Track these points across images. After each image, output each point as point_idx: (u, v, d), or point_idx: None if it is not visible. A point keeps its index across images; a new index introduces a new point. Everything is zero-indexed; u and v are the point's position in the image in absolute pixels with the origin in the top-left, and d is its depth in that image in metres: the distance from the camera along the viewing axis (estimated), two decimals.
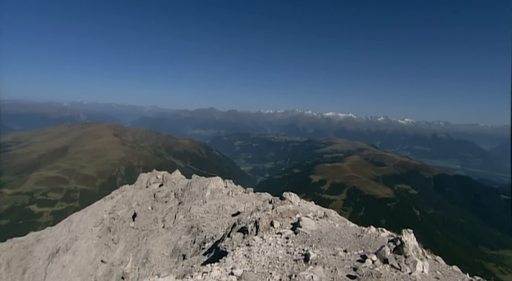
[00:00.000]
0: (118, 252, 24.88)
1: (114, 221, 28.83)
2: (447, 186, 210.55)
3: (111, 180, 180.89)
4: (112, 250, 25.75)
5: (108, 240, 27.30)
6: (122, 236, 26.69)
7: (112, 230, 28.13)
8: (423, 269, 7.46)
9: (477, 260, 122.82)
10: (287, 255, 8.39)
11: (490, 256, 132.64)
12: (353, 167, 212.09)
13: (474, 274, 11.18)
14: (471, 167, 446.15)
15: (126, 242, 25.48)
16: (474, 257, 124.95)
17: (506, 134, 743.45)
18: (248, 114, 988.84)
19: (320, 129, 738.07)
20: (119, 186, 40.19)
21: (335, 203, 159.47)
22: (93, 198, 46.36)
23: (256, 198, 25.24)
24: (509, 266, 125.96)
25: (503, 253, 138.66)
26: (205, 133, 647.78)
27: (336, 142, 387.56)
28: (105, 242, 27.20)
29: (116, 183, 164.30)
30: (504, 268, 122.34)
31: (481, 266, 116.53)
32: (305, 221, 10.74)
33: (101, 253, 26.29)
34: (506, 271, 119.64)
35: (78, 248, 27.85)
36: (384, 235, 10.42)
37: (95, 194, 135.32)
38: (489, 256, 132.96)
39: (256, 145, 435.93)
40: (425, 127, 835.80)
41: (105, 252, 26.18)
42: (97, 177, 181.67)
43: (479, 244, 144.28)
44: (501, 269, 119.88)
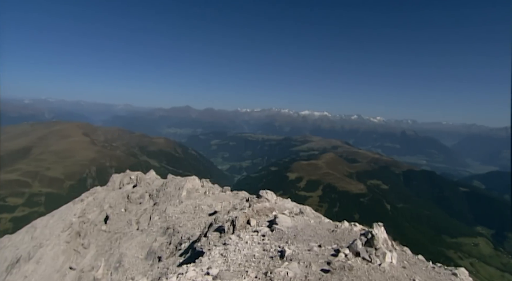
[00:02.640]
0: (88, 257, 23.71)
1: (84, 225, 27.43)
2: (414, 180, 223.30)
3: (81, 182, 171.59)
4: (82, 256, 24.49)
5: (77, 245, 25.91)
6: (93, 240, 25.46)
7: (82, 234, 26.74)
8: (392, 259, 7.89)
9: (440, 248, 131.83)
10: (263, 252, 8.48)
11: (450, 244, 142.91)
12: (328, 164, 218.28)
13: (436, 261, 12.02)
14: (435, 162, 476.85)
15: (98, 246, 24.35)
16: (437, 246, 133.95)
17: (465, 131, 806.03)
18: (225, 113, 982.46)
19: (296, 128, 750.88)
20: (89, 188, 38.17)
21: (311, 200, 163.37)
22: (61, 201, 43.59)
23: (233, 197, 25.19)
24: (466, 252, 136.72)
25: (461, 240, 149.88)
26: (181, 132, 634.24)
27: (311, 140, 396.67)
28: (74, 248, 25.80)
29: (87, 185, 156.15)
30: (462, 254, 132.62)
31: (443, 253, 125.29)
32: (281, 218, 10.91)
33: (69, 260, 24.89)
34: (463, 256, 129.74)
35: (43, 255, 26.12)
36: (357, 229, 10.87)
37: (63, 197, 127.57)
38: (449, 244, 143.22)
39: (233, 144, 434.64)
40: (395, 125, 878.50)
41: (74, 258, 24.82)
42: (65, 179, 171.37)
43: (442, 233, 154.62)
44: (459, 255, 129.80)
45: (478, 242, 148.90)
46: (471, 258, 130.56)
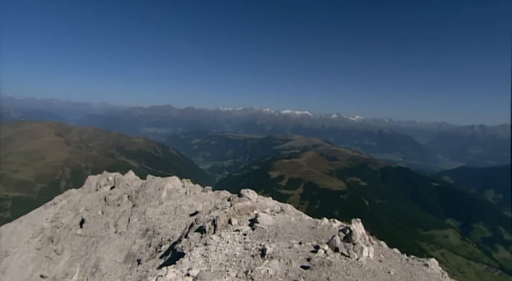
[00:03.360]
0: (62, 264, 22.62)
1: (57, 230, 26.12)
2: (391, 177, 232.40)
3: (54, 185, 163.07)
4: (55, 262, 23.32)
5: (49, 252, 24.63)
6: (67, 245, 24.32)
7: (54, 240, 25.45)
8: (369, 254, 8.18)
9: (414, 241, 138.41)
10: (244, 251, 8.50)
11: (423, 237, 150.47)
12: (309, 162, 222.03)
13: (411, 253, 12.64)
14: (410, 159, 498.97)
15: (72, 251, 23.29)
16: (412, 239, 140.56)
17: (436, 130, 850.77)
18: (206, 112, 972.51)
19: (278, 127, 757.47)
20: (63, 190, 36.32)
21: (293, 198, 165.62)
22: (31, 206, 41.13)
23: (215, 196, 25.01)
24: (437, 243, 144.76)
25: (433, 232, 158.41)
26: (161, 131, 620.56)
27: (293, 139, 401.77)
28: (46, 254, 24.50)
29: (60, 188, 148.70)
30: (434, 245, 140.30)
31: (417, 246, 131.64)
32: (262, 216, 10.98)
33: (40, 267, 23.59)
34: (435, 248, 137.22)
35: (9, 265, 24.49)
36: (336, 225, 11.17)
37: (33, 201, 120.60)
38: (423, 236, 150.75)
39: (215, 143, 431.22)
40: (373, 124, 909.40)
41: (46, 265, 23.56)
42: (35, 182, 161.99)
43: (416, 227, 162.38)
44: (431, 247, 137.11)
45: (448, 233, 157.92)
46: (441, 249, 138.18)
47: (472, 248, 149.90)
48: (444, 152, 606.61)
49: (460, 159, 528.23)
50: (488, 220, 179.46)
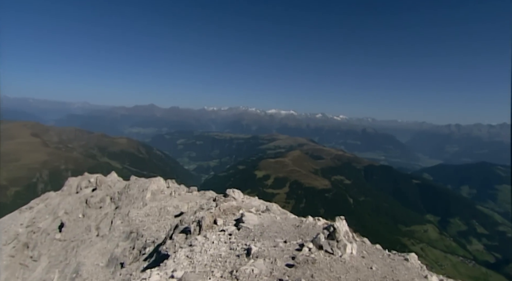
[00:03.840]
0: (39, 271, 21.69)
1: (33, 235, 25.02)
2: (374, 175, 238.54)
3: (30, 188, 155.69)
4: (31, 269, 22.31)
5: (24, 259, 23.54)
6: (44, 251, 23.33)
7: (30, 245, 24.36)
8: (352, 250, 8.36)
9: (396, 236, 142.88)
10: (230, 251, 8.48)
11: (405, 232, 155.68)
12: (294, 161, 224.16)
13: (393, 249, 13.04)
14: (392, 157, 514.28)
15: (50, 257, 22.38)
16: (394, 234, 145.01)
17: (416, 128, 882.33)
18: (191, 112, 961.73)
19: (263, 126, 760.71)
20: (40, 193, 34.75)
21: (279, 197, 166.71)
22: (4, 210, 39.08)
23: (200, 197, 24.81)
24: (417, 238, 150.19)
25: (413, 228, 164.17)
26: (145, 131, 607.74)
27: (278, 138, 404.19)
28: (21, 261, 23.40)
29: (37, 191, 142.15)
30: (414, 240, 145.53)
31: (399, 241, 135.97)
32: (248, 216, 10.98)
33: (14, 276, 22.48)
34: (415, 242, 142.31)
35: None
36: (320, 223, 11.34)
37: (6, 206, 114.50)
38: (404, 232, 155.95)
39: (200, 143, 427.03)
40: (357, 123, 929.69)
41: (21, 273, 22.49)
42: (9, 185, 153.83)
43: (398, 223, 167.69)
44: (412, 242, 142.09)
45: (427, 228, 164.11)
46: (421, 243, 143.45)
47: (449, 242, 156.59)
48: (424, 150, 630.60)
49: (438, 157, 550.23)
50: (463, 215, 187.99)
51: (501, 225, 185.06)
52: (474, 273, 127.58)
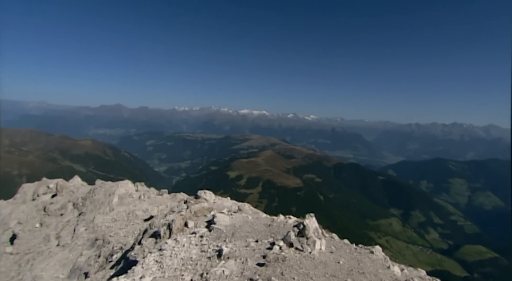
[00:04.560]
0: None
1: None
2: (343, 172, 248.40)
3: None
4: None
5: None
6: None
7: None
8: (321, 246, 8.66)
9: (364, 231, 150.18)
10: (201, 253, 8.37)
11: (372, 226, 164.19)
12: (267, 161, 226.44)
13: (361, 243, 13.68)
14: (360, 155, 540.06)
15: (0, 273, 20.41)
16: (362, 229, 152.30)
17: (382, 127, 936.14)
18: (162, 112, 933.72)
19: (236, 126, 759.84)
20: None
21: (252, 196, 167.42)
22: None
23: (171, 199, 24.21)
24: (383, 231, 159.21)
25: (379, 222, 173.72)
26: (111, 132, 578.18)
27: (251, 138, 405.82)
28: None
29: None
30: (380, 233, 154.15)
31: (366, 235, 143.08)
32: (219, 217, 10.93)
33: None
34: (381, 235, 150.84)
35: None
36: (291, 221, 11.61)
37: None
38: (371, 226, 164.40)
39: (171, 144, 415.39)
40: (326, 123, 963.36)
41: None
42: None
43: (365, 217, 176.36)
44: (378, 235, 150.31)
45: (391, 222, 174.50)
46: (386, 236, 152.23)
47: (410, 233, 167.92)
48: (388, 147, 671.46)
49: (401, 154, 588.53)
50: (422, 207, 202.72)
51: (453, 215, 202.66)
52: (431, 260, 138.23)
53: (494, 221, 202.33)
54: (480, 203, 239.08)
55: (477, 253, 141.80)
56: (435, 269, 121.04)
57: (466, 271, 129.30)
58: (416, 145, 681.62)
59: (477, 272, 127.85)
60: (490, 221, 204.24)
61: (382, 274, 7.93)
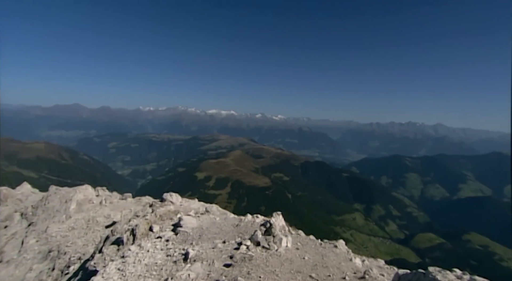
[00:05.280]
0: None
1: None
2: (310, 170, 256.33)
3: None
4: None
5: None
6: None
7: None
8: (287, 244, 8.90)
9: (330, 226, 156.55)
10: (166, 258, 8.15)
11: (337, 221, 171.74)
12: (236, 161, 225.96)
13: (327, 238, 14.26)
14: (325, 153, 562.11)
15: None
16: (328, 224, 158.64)
17: (345, 127, 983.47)
18: (125, 112, 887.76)
19: (204, 127, 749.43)
20: None
21: (221, 197, 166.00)
22: None
23: (135, 204, 23.17)
24: (347, 226, 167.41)
25: (344, 216, 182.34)
26: (68, 134, 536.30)
27: (219, 138, 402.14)
28: None
29: None
30: (345, 228, 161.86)
31: (332, 230, 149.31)
32: (186, 220, 10.71)
33: None
34: (346, 230, 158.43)
35: None
36: (259, 220, 11.75)
37: None
38: (336, 221, 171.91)
39: (136, 145, 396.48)
40: (293, 122, 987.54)
41: None
42: None
43: (331, 213, 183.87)
44: (343, 230, 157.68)
45: (355, 216, 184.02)
46: (351, 230, 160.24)
47: (372, 226, 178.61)
48: (352, 145, 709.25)
49: (363, 151, 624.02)
50: (382, 201, 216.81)
51: (409, 207, 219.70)
52: (390, 249, 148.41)
53: (441, 210, 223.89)
54: (431, 194, 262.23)
55: (428, 240, 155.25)
56: (393, 258, 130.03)
57: (419, 257, 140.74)
58: (377, 142, 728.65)
59: (428, 257, 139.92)
60: (438, 210, 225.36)
61: (345, 267, 8.38)
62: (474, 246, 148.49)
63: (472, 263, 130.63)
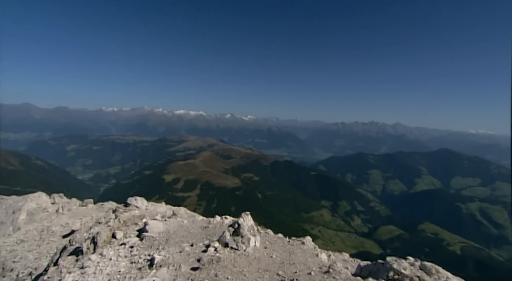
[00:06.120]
0: None
1: None
2: (279, 170, 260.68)
3: None
4: None
5: None
6: None
7: None
8: (255, 243, 8.99)
9: (299, 223, 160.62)
10: (130, 265, 7.80)
11: (306, 218, 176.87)
12: (205, 162, 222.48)
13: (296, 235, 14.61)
14: (294, 152, 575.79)
15: None
16: (297, 222, 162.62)
17: (312, 126, 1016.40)
18: (85, 113, 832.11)
19: (171, 128, 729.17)
20: None
21: (190, 199, 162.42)
22: None
23: (97, 210, 21.82)
24: (316, 222, 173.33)
25: (312, 214, 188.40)
26: (16, 137, 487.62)
27: (188, 139, 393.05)
28: None
29: None
30: (313, 224, 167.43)
31: (301, 227, 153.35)
32: (152, 224, 10.34)
33: None
34: (314, 226, 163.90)
35: None
36: (227, 221, 11.71)
37: None
38: (305, 218, 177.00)
39: (98, 148, 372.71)
40: (263, 123, 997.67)
41: None
42: None
43: (300, 211, 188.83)
44: (311, 226, 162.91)
45: (323, 213, 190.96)
46: (319, 226, 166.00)
47: (339, 221, 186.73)
48: (319, 145, 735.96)
49: (330, 150, 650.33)
50: (348, 197, 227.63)
51: (372, 202, 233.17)
52: (355, 243, 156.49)
53: (400, 203, 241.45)
54: (391, 189, 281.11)
55: (389, 232, 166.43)
56: (358, 251, 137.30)
57: (382, 249, 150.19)
58: (342, 141, 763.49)
59: (389, 248, 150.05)
60: (398, 203, 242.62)
61: (311, 262, 8.67)
62: (427, 234, 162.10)
63: (425, 250, 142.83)
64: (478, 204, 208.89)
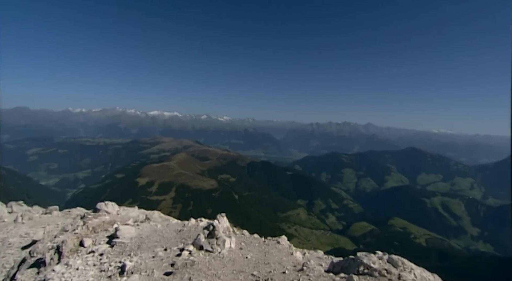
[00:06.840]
0: None
1: None
2: (256, 170, 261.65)
3: None
4: None
5: None
6: None
7: None
8: (231, 244, 8.97)
9: (276, 223, 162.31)
10: (99, 274, 7.45)
11: (282, 218, 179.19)
12: (180, 164, 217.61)
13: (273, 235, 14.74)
14: (270, 153, 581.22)
15: None
16: (274, 222, 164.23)
17: (288, 127, 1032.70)
18: (49, 114, 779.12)
19: (145, 129, 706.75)
20: None
21: (164, 203, 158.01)
22: None
23: (64, 217, 20.51)
24: (292, 221, 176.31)
25: (289, 213, 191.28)
26: None
27: (162, 141, 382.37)
28: None
29: None
30: (290, 224, 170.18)
31: (278, 227, 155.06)
32: (123, 230, 9.95)
33: None
34: (291, 225, 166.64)
35: None
36: (202, 224, 11.57)
37: None
38: (282, 218, 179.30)
39: (64, 151, 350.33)
40: (239, 124, 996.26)
41: None
42: None
43: (276, 211, 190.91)
44: (288, 226, 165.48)
45: (299, 212, 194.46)
46: (295, 225, 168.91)
47: (314, 220, 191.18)
48: (294, 145, 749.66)
49: (305, 150, 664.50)
50: (323, 196, 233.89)
51: (346, 199, 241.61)
52: (330, 240, 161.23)
53: (372, 200, 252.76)
54: (363, 187, 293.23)
55: (361, 228, 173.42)
56: (333, 248, 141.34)
57: (355, 244, 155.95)
58: (317, 141, 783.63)
59: (361, 243, 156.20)
60: (370, 200, 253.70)
61: (286, 261, 8.81)
62: (397, 229, 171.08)
63: (395, 244, 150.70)
64: (440, 198, 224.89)
